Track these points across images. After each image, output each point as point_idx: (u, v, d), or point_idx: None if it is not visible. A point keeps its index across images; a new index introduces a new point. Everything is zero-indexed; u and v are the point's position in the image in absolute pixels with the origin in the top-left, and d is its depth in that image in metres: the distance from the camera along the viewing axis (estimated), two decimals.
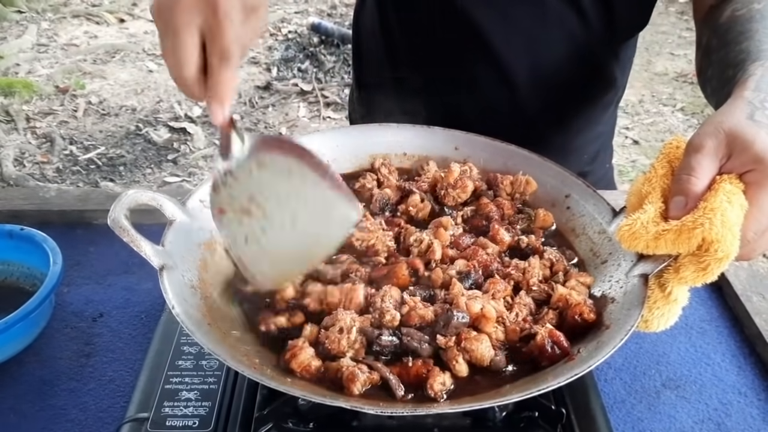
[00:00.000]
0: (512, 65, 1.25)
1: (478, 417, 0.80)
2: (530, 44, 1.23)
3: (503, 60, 1.24)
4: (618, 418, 0.91)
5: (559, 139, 1.36)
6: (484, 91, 1.29)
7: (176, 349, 0.90)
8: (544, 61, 1.26)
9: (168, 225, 0.86)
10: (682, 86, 4.54)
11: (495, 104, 1.31)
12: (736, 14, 0.96)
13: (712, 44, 0.98)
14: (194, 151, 3.70)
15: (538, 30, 1.22)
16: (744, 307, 1.07)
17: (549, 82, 1.28)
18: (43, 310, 0.96)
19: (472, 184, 1.04)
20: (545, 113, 1.33)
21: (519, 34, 1.22)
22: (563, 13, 1.19)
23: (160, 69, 4.56)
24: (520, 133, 1.13)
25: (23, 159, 3.57)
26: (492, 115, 1.30)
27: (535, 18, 1.20)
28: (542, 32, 1.22)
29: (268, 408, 0.80)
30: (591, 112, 1.37)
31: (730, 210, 0.66)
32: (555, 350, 0.77)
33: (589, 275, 0.91)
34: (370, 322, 0.80)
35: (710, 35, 1.00)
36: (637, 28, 1.29)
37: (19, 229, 1.05)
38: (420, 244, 0.92)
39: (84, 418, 0.89)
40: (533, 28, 1.21)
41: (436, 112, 1.18)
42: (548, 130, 1.34)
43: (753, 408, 0.94)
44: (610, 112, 1.43)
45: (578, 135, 1.39)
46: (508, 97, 1.29)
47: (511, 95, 1.29)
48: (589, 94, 1.34)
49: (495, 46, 1.23)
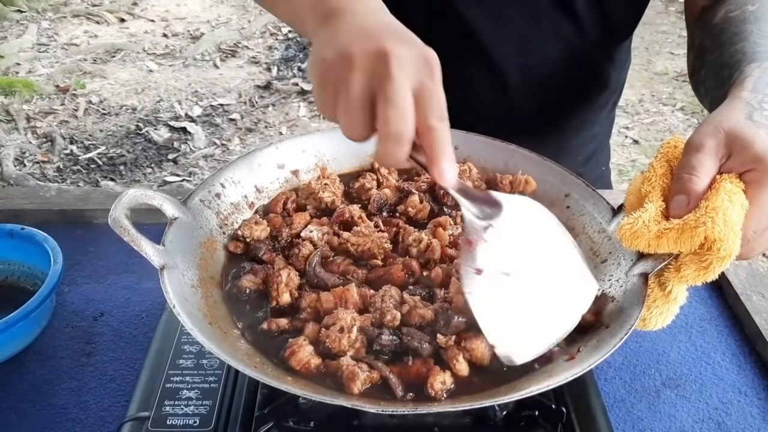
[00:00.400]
0: (504, 65, 1.25)
1: (479, 416, 0.80)
2: (522, 44, 1.23)
3: (495, 60, 1.24)
4: (618, 417, 0.91)
5: (554, 139, 1.35)
6: (478, 92, 1.29)
7: (177, 348, 0.90)
8: (537, 62, 1.25)
9: (168, 224, 0.86)
10: (682, 86, 4.54)
11: (489, 104, 1.31)
12: (729, 15, 0.96)
13: (705, 45, 0.98)
14: (194, 151, 3.70)
15: (530, 31, 1.21)
16: (744, 306, 1.07)
17: (542, 83, 1.28)
18: (44, 309, 0.96)
19: (471, 184, 1.04)
20: (539, 114, 1.33)
21: (511, 35, 1.22)
22: (555, 14, 1.19)
23: (160, 68, 4.56)
24: (515, 132, 1.13)
25: (24, 158, 3.58)
26: (487, 115, 1.30)
27: (526, 18, 1.20)
28: (535, 33, 1.22)
29: (269, 407, 0.80)
30: (586, 113, 1.37)
31: (731, 209, 0.66)
32: (552, 349, 0.77)
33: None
34: (370, 322, 0.80)
35: (703, 36, 1.00)
36: (630, 29, 1.29)
37: (19, 229, 1.05)
38: (419, 244, 0.92)
39: (85, 417, 0.89)
40: (525, 28, 1.21)
41: None
42: (543, 131, 1.33)
43: (753, 407, 0.94)
44: (606, 113, 1.43)
45: (574, 136, 1.39)
46: (501, 97, 1.29)
47: (504, 95, 1.29)
48: (583, 95, 1.34)
49: (487, 46, 1.22)
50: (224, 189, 0.98)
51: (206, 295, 0.84)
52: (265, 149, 1.04)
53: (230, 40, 4.96)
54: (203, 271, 0.87)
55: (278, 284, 0.84)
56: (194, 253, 0.88)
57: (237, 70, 4.62)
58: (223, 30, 5.12)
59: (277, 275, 0.85)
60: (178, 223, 0.87)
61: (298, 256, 0.91)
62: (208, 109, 4.13)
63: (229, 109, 4.15)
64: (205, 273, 0.88)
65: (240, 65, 4.69)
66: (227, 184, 0.98)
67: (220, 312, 0.84)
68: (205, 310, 0.81)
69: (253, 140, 3.84)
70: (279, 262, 0.90)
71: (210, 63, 4.72)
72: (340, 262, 0.90)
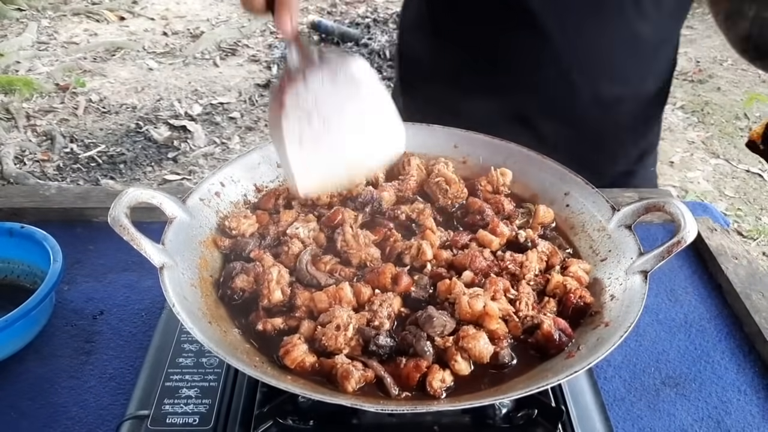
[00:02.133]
0: (564, 48, 1.22)
1: (478, 414, 0.80)
2: (582, 26, 1.21)
3: (555, 42, 1.21)
4: (618, 416, 0.91)
5: (609, 135, 1.35)
6: (541, 76, 1.27)
7: (176, 347, 0.90)
8: (597, 46, 1.23)
9: (168, 223, 0.86)
10: (682, 84, 4.54)
11: (550, 90, 1.29)
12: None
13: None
14: (194, 149, 3.70)
15: (589, 13, 1.20)
16: (743, 305, 1.07)
17: (604, 67, 1.26)
18: (44, 308, 0.96)
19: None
20: (598, 103, 1.30)
21: (571, 15, 1.20)
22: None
23: (160, 67, 4.56)
24: (573, 123, 1.15)
25: (24, 157, 3.58)
26: (548, 104, 1.29)
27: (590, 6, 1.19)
28: (594, 16, 1.20)
29: (268, 405, 0.80)
30: (644, 107, 1.36)
31: None
32: (562, 338, 0.78)
33: (587, 263, 0.92)
34: (366, 320, 0.80)
35: None
36: (684, 10, 1.28)
37: (19, 227, 1.05)
38: (410, 250, 0.92)
39: (84, 416, 0.89)
40: (585, 9, 1.19)
41: (492, 113, 1.19)
42: (601, 122, 1.32)
43: (752, 406, 0.94)
44: (659, 112, 1.42)
45: (631, 132, 1.38)
46: (563, 81, 1.26)
47: (566, 79, 1.26)
48: (644, 87, 1.33)
49: (547, 27, 1.20)
50: (224, 188, 0.98)
51: (206, 294, 0.84)
52: (264, 148, 1.04)
53: (230, 38, 4.96)
54: (203, 269, 0.87)
55: (269, 282, 0.84)
56: (194, 252, 0.88)
57: (237, 68, 4.62)
58: (223, 28, 5.11)
59: (268, 273, 0.85)
60: (177, 221, 0.87)
61: (288, 253, 0.91)
62: (208, 108, 4.13)
63: (229, 108, 4.15)
64: (204, 272, 0.88)
65: (240, 63, 4.69)
66: (227, 183, 0.98)
67: (220, 311, 0.84)
68: (205, 309, 0.81)
69: (253, 139, 3.84)
70: (267, 259, 0.90)
71: (210, 61, 4.72)
72: (327, 261, 0.91)
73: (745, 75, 4.69)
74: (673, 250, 0.81)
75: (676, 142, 3.89)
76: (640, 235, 0.90)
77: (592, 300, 0.85)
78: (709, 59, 4.91)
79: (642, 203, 0.91)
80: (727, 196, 3.43)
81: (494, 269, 0.90)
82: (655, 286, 1.16)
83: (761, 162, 3.69)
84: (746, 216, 3.29)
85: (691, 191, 3.42)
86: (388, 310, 0.81)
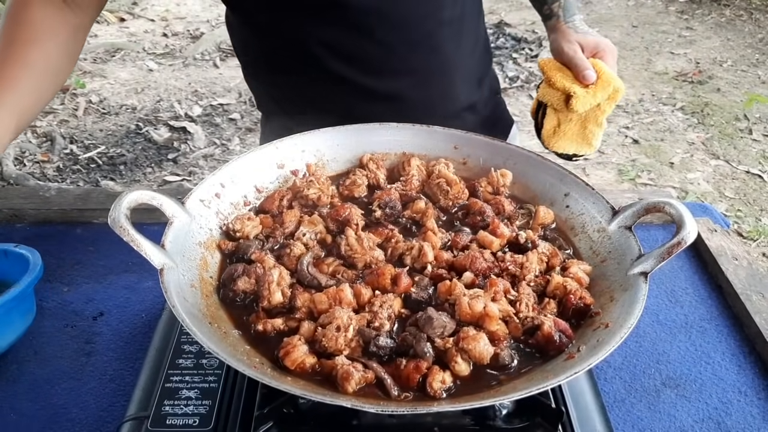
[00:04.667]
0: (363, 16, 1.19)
1: (478, 415, 0.80)
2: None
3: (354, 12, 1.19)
4: (618, 417, 0.91)
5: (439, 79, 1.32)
6: (355, 48, 1.24)
7: (176, 348, 0.90)
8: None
9: (168, 224, 0.86)
10: (682, 85, 4.54)
11: (359, 53, 1.25)
12: None
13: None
14: (194, 151, 3.70)
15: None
16: (744, 306, 1.07)
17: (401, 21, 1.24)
18: (23, 304, 0.95)
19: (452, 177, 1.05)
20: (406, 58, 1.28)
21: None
22: None
23: (160, 68, 4.57)
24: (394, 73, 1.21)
25: (23, 158, 3.58)
26: (365, 64, 1.26)
27: None
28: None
29: (268, 407, 0.80)
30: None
31: (609, 69, 1.16)
32: (562, 339, 0.78)
33: (588, 264, 0.92)
34: (366, 321, 0.80)
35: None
36: None
37: (13, 247, 1.02)
38: (411, 251, 0.92)
39: (84, 417, 0.89)
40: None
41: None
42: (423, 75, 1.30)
43: (753, 407, 0.94)
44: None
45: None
46: (370, 45, 1.23)
47: (371, 41, 1.23)
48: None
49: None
50: (224, 189, 0.98)
51: (206, 295, 0.84)
52: (264, 149, 1.04)
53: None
54: (203, 270, 0.87)
55: (269, 283, 0.84)
56: (194, 253, 0.88)
57: (237, 69, 4.60)
58: (223, 29, 5.11)
59: (268, 274, 0.85)
60: (177, 222, 0.87)
61: (290, 255, 0.91)
62: (208, 109, 4.13)
63: (228, 109, 4.15)
64: (204, 273, 0.87)
65: (240, 65, 4.69)
66: (227, 184, 0.98)
67: (220, 312, 0.84)
68: (205, 310, 0.81)
69: (253, 140, 3.84)
70: (268, 261, 0.90)
71: (210, 62, 4.73)
72: (330, 263, 0.91)
73: (745, 76, 4.70)
74: (674, 251, 0.81)
75: (676, 143, 3.89)
76: (640, 236, 0.90)
77: (592, 301, 0.85)
78: (709, 60, 4.92)
79: (642, 204, 0.91)
80: (727, 197, 3.43)
81: (494, 270, 0.90)
82: (655, 287, 1.16)
83: (761, 163, 3.69)
84: (746, 217, 3.29)
85: (691, 192, 3.43)
86: (388, 311, 0.81)
